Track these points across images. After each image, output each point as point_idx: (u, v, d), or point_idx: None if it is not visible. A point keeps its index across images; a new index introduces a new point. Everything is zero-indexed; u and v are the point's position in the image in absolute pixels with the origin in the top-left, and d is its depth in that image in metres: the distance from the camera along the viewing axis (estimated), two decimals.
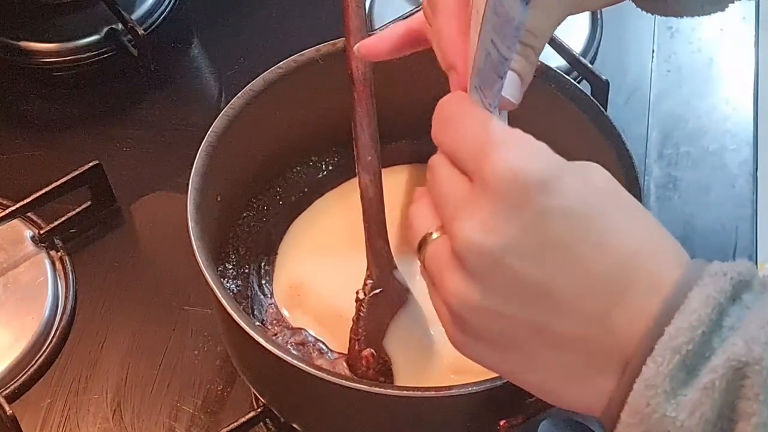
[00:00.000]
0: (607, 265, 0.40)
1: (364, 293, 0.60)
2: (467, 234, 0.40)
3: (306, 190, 0.70)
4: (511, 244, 0.40)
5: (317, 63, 0.66)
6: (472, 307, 0.41)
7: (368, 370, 0.59)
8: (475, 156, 0.41)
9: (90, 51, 0.87)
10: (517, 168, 0.40)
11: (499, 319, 0.41)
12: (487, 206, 0.40)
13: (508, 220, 0.40)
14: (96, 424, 0.66)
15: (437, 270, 0.42)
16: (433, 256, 0.43)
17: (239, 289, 0.65)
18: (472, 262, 0.40)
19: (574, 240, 0.40)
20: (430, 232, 0.43)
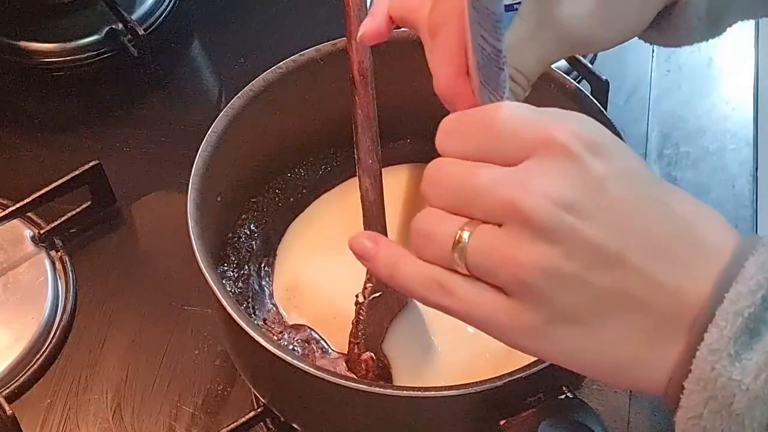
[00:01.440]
0: (672, 228, 0.41)
1: (364, 297, 0.60)
2: (543, 197, 0.39)
3: (305, 190, 0.70)
4: (586, 204, 0.40)
5: (317, 63, 0.66)
6: (553, 275, 0.40)
7: (367, 373, 0.59)
8: (522, 135, 0.41)
9: (90, 51, 0.87)
10: (578, 132, 0.40)
11: (578, 287, 0.40)
12: (550, 171, 0.40)
13: (577, 181, 0.40)
14: (96, 424, 0.66)
15: (501, 254, 0.40)
16: (489, 244, 0.41)
17: (240, 290, 0.65)
18: (553, 224, 0.39)
19: (640, 203, 0.41)
20: (458, 233, 0.42)
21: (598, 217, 0.40)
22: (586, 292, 0.40)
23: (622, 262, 0.40)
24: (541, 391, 0.52)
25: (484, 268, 0.41)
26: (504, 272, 0.41)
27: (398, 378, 0.60)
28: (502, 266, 0.41)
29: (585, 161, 0.40)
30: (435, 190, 0.44)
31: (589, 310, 0.41)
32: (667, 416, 0.65)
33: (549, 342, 0.42)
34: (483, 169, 0.42)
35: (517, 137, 0.41)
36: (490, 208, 0.41)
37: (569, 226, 0.40)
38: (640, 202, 0.41)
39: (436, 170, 0.44)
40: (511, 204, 0.40)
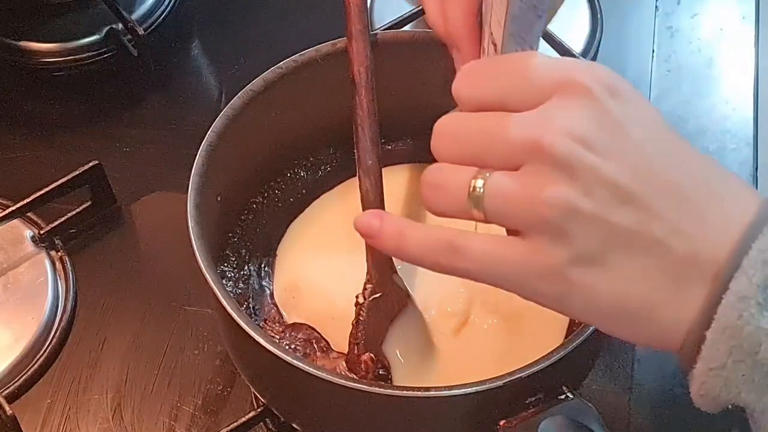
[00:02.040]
0: (694, 178, 0.41)
1: (364, 297, 0.60)
2: (564, 134, 0.40)
3: (305, 190, 0.70)
4: (608, 143, 0.40)
5: (317, 63, 0.66)
6: (574, 212, 0.39)
7: (367, 374, 0.59)
8: (547, 77, 0.41)
9: (90, 51, 0.87)
10: (600, 77, 0.41)
11: (598, 225, 0.40)
12: (572, 111, 0.40)
13: (598, 121, 0.40)
14: (96, 424, 0.66)
15: (521, 194, 0.40)
16: (507, 186, 0.41)
17: (240, 290, 0.65)
18: (575, 161, 0.39)
19: (661, 150, 0.41)
20: (472, 181, 0.41)
21: (619, 158, 0.40)
22: (606, 230, 0.40)
23: (642, 204, 0.40)
24: (541, 391, 0.52)
25: (503, 210, 0.41)
26: (524, 212, 0.40)
27: (398, 378, 0.60)
28: (522, 206, 0.40)
29: (606, 104, 0.41)
30: (446, 142, 0.43)
31: (609, 249, 0.40)
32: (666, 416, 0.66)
33: (569, 285, 0.41)
34: (499, 115, 0.42)
35: (542, 80, 0.41)
36: (509, 151, 0.41)
37: (591, 163, 0.40)
38: (661, 149, 0.41)
39: (445, 124, 0.43)
40: (532, 142, 0.40)
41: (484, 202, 0.41)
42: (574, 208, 0.40)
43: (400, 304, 0.61)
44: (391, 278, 0.61)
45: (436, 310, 0.63)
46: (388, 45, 0.67)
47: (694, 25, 0.89)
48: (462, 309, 0.63)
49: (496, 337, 0.62)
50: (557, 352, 0.52)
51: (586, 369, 0.60)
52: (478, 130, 0.42)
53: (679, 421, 0.65)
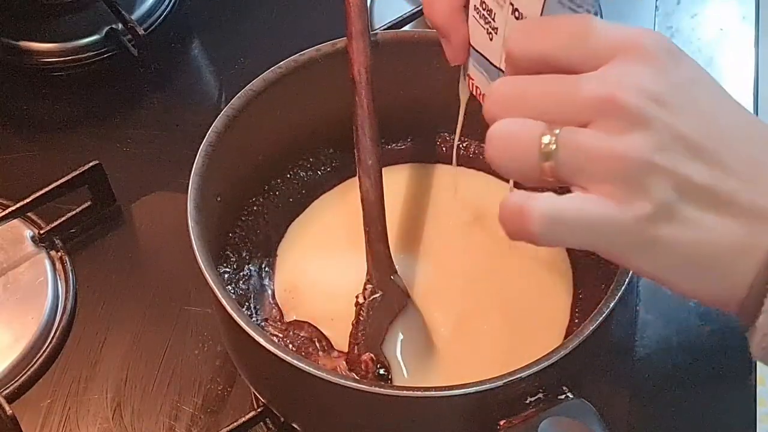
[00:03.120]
0: (762, 133, 0.43)
1: (364, 297, 0.60)
2: (636, 90, 0.40)
3: (305, 190, 0.70)
4: (677, 101, 0.41)
5: (317, 63, 0.66)
6: (650, 166, 0.40)
7: (367, 374, 0.59)
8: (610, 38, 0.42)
9: (90, 51, 0.87)
10: (661, 41, 0.42)
11: (677, 178, 0.40)
12: (640, 70, 0.41)
13: (666, 80, 0.41)
14: (96, 424, 0.66)
15: (596, 149, 0.40)
16: (580, 141, 0.40)
17: (241, 290, 0.65)
18: (649, 115, 0.40)
19: (726, 110, 0.43)
20: (542, 136, 0.41)
21: (689, 115, 0.41)
22: (681, 184, 0.41)
23: (713, 158, 0.41)
24: (541, 391, 0.52)
25: (578, 163, 0.41)
26: (600, 165, 0.40)
27: (398, 378, 0.60)
28: (598, 159, 0.40)
29: (671, 66, 0.42)
30: (507, 103, 0.43)
31: (684, 202, 0.41)
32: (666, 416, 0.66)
33: (647, 238, 0.41)
34: (563, 76, 0.42)
35: (605, 40, 0.42)
36: (578, 107, 0.41)
37: (664, 118, 0.40)
38: (725, 109, 0.43)
39: (504, 86, 0.43)
40: (605, 98, 0.40)
41: (558, 154, 0.41)
42: (651, 161, 0.40)
43: (400, 304, 0.61)
44: (391, 278, 0.61)
45: (436, 310, 0.63)
46: (388, 45, 0.67)
47: (694, 25, 0.89)
48: (462, 309, 0.63)
49: (496, 337, 0.62)
50: (557, 352, 0.52)
51: (586, 369, 0.60)
52: (542, 90, 0.42)
53: (679, 421, 0.65)
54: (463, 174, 0.70)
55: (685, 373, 0.67)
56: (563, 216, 0.41)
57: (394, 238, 0.64)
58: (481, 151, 0.71)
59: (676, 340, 0.69)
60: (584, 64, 0.42)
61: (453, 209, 0.68)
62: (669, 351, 0.68)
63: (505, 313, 0.63)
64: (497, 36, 0.50)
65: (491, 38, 0.50)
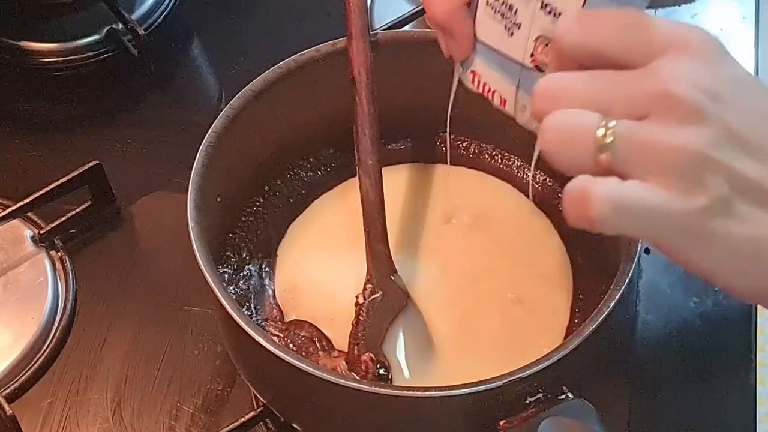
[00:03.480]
0: None
1: (364, 297, 0.60)
2: (691, 84, 0.41)
3: (305, 190, 0.70)
4: (730, 96, 0.41)
5: (317, 63, 0.66)
6: (706, 160, 0.40)
7: (367, 374, 0.59)
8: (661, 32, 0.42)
9: (90, 51, 0.87)
10: (709, 38, 0.43)
11: (731, 173, 0.41)
12: (693, 66, 0.41)
13: (718, 75, 0.42)
14: (96, 424, 0.66)
15: (653, 141, 0.41)
16: (638, 133, 0.41)
17: (242, 290, 0.65)
18: (704, 109, 0.41)
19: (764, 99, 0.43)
20: (599, 128, 0.41)
21: (740, 111, 0.42)
22: (735, 179, 0.41)
23: (764, 155, 0.42)
24: (541, 391, 0.52)
25: (635, 155, 0.41)
26: (658, 157, 0.41)
27: (398, 378, 0.60)
28: (655, 151, 0.41)
29: (722, 63, 0.42)
30: (559, 97, 0.43)
31: (739, 197, 0.41)
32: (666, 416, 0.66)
33: (704, 232, 0.41)
34: (615, 72, 0.42)
35: (659, 35, 0.42)
36: (634, 101, 0.41)
37: (719, 113, 0.41)
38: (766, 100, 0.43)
39: (555, 82, 0.43)
40: (661, 92, 0.41)
41: (616, 145, 0.41)
42: (707, 155, 0.40)
43: (400, 304, 0.61)
44: (391, 278, 0.61)
45: (436, 310, 0.63)
46: (388, 45, 0.67)
47: None
48: (462, 309, 0.63)
49: (496, 337, 0.62)
50: (557, 352, 0.52)
51: (586, 369, 0.59)
52: (594, 86, 0.42)
53: (679, 422, 0.65)
54: (464, 174, 0.70)
55: (685, 373, 0.67)
56: (624, 202, 0.41)
57: (394, 238, 0.64)
58: (481, 151, 0.72)
59: (676, 340, 0.69)
60: (637, 58, 0.42)
61: (453, 209, 0.68)
62: (669, 351, 0.68)
63: (505, 313, 0.63)
64: (520, 31, 0.49)
65: (511, 33, 0.50)
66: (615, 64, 0.42)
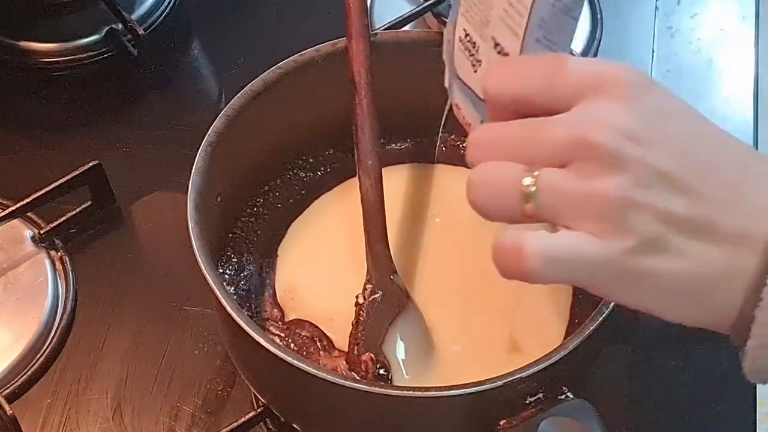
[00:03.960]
0: (734, 156, 0.43)
1: (364, 298, 0.60)
2: (610, 129, 0.41)
3: (305, 190, 0.70)
4: (650, 135, 0.41)
5: (317, 63, 0.66)
6: (629, 204, 0.40)
7: (367, 374, 0.59)
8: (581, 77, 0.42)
9: (90, 51, 0.87)
10: (630, 73, 0.42)
11: (657, 212, 0.41)
12: (611, 108, 0.41)
13: (638, 115, 0.42)
14: (96, 424, 0.66)
15: (576, 191, 0.41)
16: (560, 183, 0.41)
17: (243, 291, 0.65)
18: (624, 154, 0.40)
19: (699, 135, 0.43)
20: (522, 178, 0.42)
21: (664, 147, 0.41)
22: (662, 217, 0.41)
23: (690, 188, 0.41)
24: (541, 391, 0.52)
25: (559, 204, 0.41)
26: (580, 205, 0.41)
27: (398, 378, 0.60)
28: (578, 199, 0.41)
29: (643, 100, 0.42)
30: (485, 149, 0.44)
31: (668, 235, 0.41)
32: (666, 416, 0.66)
33: (634, 273, 0.41)
34: (539, 119, 0.42)
35: (578, 77, 0.42)
36: (555, 150, 0.42)
37: (639, 155, 0.41)
38: (698, 136, 0.43)
39: (482, 133, 0.44)
40: (580, 139, 0.41)
41: (538, 196, 0.41)
42: (630, 198, 0.40)
43: (400, 304, 0.61)
44: (391, 278, 0.61)
45: (436, 310, 0.63)
46: (388, 45, 0.67)
47: (694, 25, 0.89)
48: (462, 309, 0.63)
49: (496, 337, 0.62)
50: (557, 352, 0.52)
51: (586, 369, 0.60)
52: (519, 133, 0.43)
53: (679, 422, 0.65)
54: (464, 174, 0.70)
55: (685, 373, 0.67)
56: (556, 255, 0.41)
57: (394, 238, 0.64)
58: None
59: (676, 341, 0.69)
60: (558, 104, 0.42)
61: (453, 209, 0.68)
62: (669, 351, 0.68)
63: (505, 314, 0.63)
64: (480, 68, 0.50)
65: (475, 70, 0.51)
66: (542, 110, 0.43)
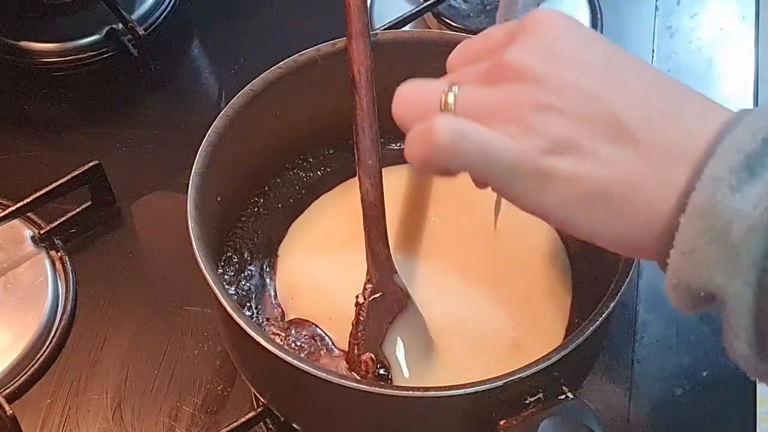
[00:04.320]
0: (664, 91, 0.44)
1: (364, 297, 0.60)
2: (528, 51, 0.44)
3: (305, 190, 0.70)
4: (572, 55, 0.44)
5: (317, 63, 0.66)
6: (543, 106, 0.43)
7: (367, 374, 0.59)
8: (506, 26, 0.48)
9: (90, 51, 0.87)
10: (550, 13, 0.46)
11: (569, 116, 0.43)
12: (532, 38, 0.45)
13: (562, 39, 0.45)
14: (96, 424, 0.66)
15: (493, 93, 0.45)
16: (480, 91, 0.45)
17: (244, 291, 0.65)
18: (543, 69, 0.44)
19: (632, 62, 0.45)
20: (445, 91, 0.46)
21: (585, 68, 0.44)
22: (574, 120, 0.43)
23: (611, 100, 0.43)
24: (541, 391, 0.52)
25: (473, 115, 0.44)
26: (492, 112, 0.44)
27: (398, 378, 0.60)
28: (491, 107, 0.44)
29: (565, 29, 0.45)
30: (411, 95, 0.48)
31: (582, 137, 0.43)
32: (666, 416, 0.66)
33: (545, 174, 0.43)
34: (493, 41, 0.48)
35: (501, 30, 0.48)
36: (480, 72, 0.46)
37: (553, 69, 0.44)
38: (628, 64, 0.45)
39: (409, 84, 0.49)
40: (500, 61, 0.45)
41: (456, 104, 0.45)
42: (541, 101, 0.43)
43: (400, 304, 0.61)
44: (391, 278, 0.61)
45: (436, 310, 0.63)
46: (388, 45, 0.67)
47: (694, 25, 0.89)
48: (462, 309, 0.63)
49: (496, 337, 0.62)
50: (557, 352, 0.52)
51: (586, 369, 0.60)
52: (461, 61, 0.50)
53: (679, 421, 0.65)
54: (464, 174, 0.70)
55: (685, 373, 0.67)
56: (467, 134, 0.44)
57: (394, 238, 0.64)
58: None
59: (676, 340, 0.69)
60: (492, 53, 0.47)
61: (453, 209, 0.68)
62: (669, 351, 0.68)
63: (505, 313, 0.63)
64: None
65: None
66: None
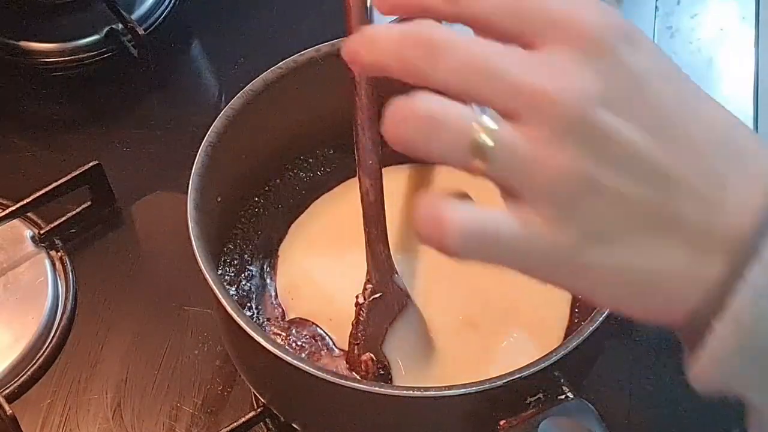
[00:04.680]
0: (720, 131, 0.38)
1: (364, 297, 0.60)
2: (579, 89, 0.35)
3: (305, 190, 0.70)
4: (626, 103, 0.35)
5: (317, 63, 0.66)
6: (591, 183, 0.35)
7: (367, 374, 0.59)
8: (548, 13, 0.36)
9: (90, 51, 0.87)
10: (614, 22, 0.36)
11: (616, 198, 0.35)
12: (585, 64, 0.35)
13: (615, 76, 0.35)
14: (96, 424, 0.66)
15: (537, 154, 0.35)
16: (514, 143, 0.35)
17: (244, 291, 0.65)
18: (589, 121, 0.35)
19: (682, 105, 0.37)
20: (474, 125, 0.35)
21: (639, 119, 0.35)
22: (621, 205, 0.36)
23: (662, 171, 0.36)
24: (541, 391, 0.52)
25: (511, 167, 0.36)
26: (535, 174, 0.35)
27: (398, 378, 0.60)
28: (535, 167, 0.35)
29: (622, 56, 0.36)
30: (439, 60, 0.37)
31: (623, 226, 0.36)
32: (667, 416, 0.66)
33: (577, 263, 0.36)
34: (503, 46, 0.36)
35: (546, 15, 0.36)
36: (509, 92, 0.35)
37: (608, 125, 0.35)
38: (682, 105, 0.37)
39: (436, 37, 0.37)
40: (543, 93, 0.35)
41: (496, 153, 0.35)
42: (591, 177, 0.35)
43: (400, 304, 0.61)
44: (391, 278, 0.61)
45: (436, 310, 0.63)
46: None
47: (694, 26, 0.89)
48: (462, 309, 0.63)
49: (496, 337, 0.62)
50: (557, 352, 0.52)
51: (586, 369, 0.60)
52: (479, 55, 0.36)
53: (679, 421, 0.65)
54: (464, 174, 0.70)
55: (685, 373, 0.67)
56: (484, 234, 0.36)
57: (394, 238, 0.64)
58: None
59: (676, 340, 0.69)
60: (520, 35, 0.36)
61: None
62: (669, 351, 0.68)
63: (505, 313, 0.63)
64: None
65: None
66: (500, 37, 0.36)
